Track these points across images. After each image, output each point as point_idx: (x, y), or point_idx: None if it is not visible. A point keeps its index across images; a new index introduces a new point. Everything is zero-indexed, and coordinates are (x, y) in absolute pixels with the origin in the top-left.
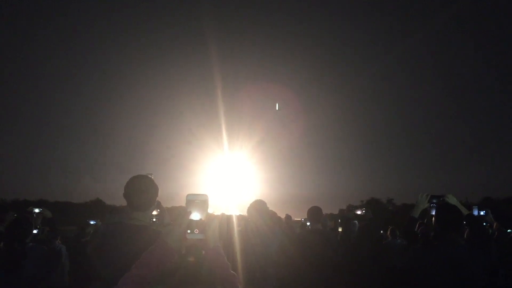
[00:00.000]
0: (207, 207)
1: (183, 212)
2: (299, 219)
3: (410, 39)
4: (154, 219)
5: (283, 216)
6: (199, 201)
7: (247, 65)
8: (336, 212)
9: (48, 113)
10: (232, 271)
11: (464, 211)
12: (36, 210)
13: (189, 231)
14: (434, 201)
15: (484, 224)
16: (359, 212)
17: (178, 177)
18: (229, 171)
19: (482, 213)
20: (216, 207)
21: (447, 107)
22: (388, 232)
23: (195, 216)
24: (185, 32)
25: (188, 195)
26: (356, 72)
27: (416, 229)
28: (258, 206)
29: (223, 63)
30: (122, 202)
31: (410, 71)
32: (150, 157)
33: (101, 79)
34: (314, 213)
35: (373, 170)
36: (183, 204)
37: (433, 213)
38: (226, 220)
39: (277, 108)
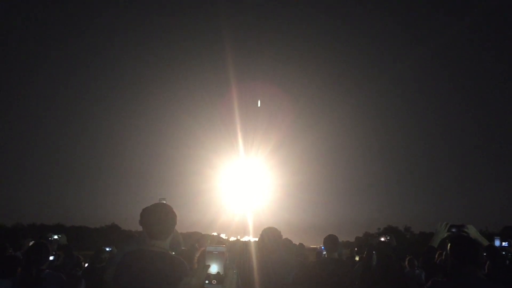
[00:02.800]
0: (225, 259)
1: (203, 264)
2: (315, 246)
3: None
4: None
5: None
6: (217, 252)
7: (263, 71)
8: (352, 239)
9: (63, 138)
10: None
11: (484, 242)
12: (55, 237)
13: (207, 281)
14: (453, 230)
15: (504, 253)
16: (382, 239)
17: (192, 184)
18: (245, 177)
19: (504, 244)
20: (231, 228)
21: (467, 132)
22: (406, 262)
23: (213, 268)
24: (198, 38)
25: (207, 247)
26: (372, 97)
27: (435, 260)
28: (271, 235)
29: (238, 67)
30: (138, 227)
31: (428, 94)
32: (164, 176)
33: (114, 104)
34: (331, 242)
35: (391, 197)
36: (198, 229)
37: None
38: (241, 247)
39: (259, 105)
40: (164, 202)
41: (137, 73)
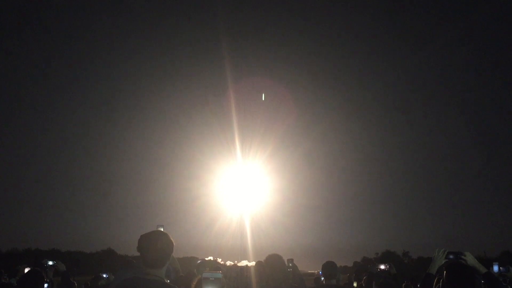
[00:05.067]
0: (222, 285)
1: None
2: (313, 271)
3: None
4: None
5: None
6: (214, 279)
7: (262, 73)
8: (349, 264)
9: (59, 161)
10: None
11: (482, 269)
12: (50, 263)
13: None
14: (451, 257)
15: (502, 279)
16: (382, 267)
17: (189, 190)
18: (242, 182)
19: (502, 269)
20: (227, 251)
21: (466, 157)
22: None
23: None
24: (195, 37)
25: (204, 273)
26: (369, 120)
27: (433, 287)
28: (275, 263)
29: (236, 69)
30: (134, 252)
31: (430, 117)
32: (160, 183)
33: (106, 118)
34: (329, 268)
35: (389, 222)
36: (194, 254)
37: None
38: (239, 273)
39: (263, 98)
40: (162, 229)
41: (132, 79)
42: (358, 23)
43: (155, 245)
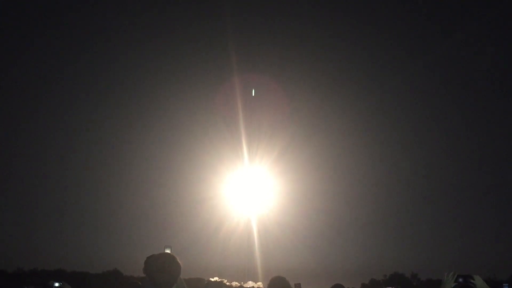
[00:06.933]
0: None
1: None
2: None
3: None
4: None
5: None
6: None
7: (270, 73)
8: (357, 286)
9: (61, 180)
10: None
11: None
12: (56, 284)
13: None
14: (460, 280)
15: None
16: None
17: (195, 193)
18: (249, 184)
19: None
20: (232, 271)
21: (476, 177)
22: None
23: None
24: (200, 37)
25: None
26: (375, 132)
27: None
28: (281, 285)
29: (243, 70)
30: (141, 273)
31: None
32: (166, 188)
33: (112, 127)
34: None
35: (397, 243)
36: (199, 271)
37: None
38: None
39: (253, 94)
40: (169, 250)
41: (134, 80)
42: (366, 23)
43: (162, 267)
